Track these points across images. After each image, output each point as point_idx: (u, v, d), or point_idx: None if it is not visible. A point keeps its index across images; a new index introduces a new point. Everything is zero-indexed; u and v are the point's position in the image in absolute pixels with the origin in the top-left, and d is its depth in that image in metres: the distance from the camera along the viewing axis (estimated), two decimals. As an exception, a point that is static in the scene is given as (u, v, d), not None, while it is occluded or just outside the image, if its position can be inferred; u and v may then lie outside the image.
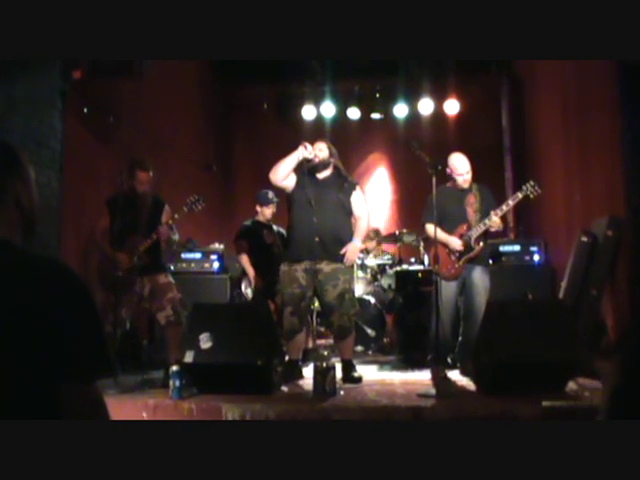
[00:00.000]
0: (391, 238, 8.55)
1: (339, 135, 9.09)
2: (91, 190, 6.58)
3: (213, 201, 9.53)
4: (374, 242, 8.42)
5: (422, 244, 7.84)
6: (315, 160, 5.81)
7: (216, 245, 8.25)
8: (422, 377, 5.83)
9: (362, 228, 5.96)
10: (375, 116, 10.70)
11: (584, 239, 6.18)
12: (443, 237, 5.88)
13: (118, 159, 6.68)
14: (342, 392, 5.06)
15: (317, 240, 5.66)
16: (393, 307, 7.81)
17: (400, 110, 10.45)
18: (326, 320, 6.37)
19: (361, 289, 7.89)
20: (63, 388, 1.57)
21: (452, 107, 10.23)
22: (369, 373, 6.22)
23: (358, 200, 5.94)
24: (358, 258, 7.48)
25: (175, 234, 5.79)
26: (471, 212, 5.99)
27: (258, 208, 7.36)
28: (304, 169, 5.86)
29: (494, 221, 5.83)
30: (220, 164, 10.68)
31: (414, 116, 10.45)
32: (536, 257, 7.57)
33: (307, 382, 5.45)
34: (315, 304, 6.42)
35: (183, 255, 7.93)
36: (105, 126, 6.91)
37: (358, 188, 6.01)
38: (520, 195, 5.87)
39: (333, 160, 5.93)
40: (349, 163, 7.87)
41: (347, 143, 9.75)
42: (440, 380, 5.29)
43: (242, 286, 7.42)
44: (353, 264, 6.06)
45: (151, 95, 7.79)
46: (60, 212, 6.12)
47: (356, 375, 5.67)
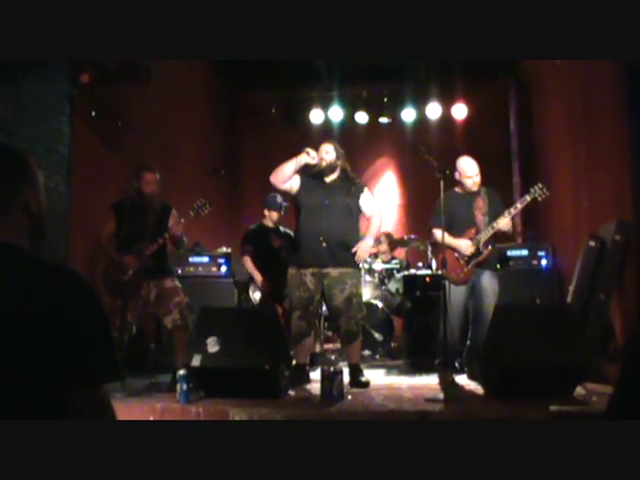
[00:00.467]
0: (399, 242, 8.55)
1: (347, 139, 9.06)
2: (99, 194, 6.59)
3: (221, 205, 9.55)
4: (385, 246, 8.41)
5: (430, 249, 7.83)
6: (322, 164, 5.81)
7: (223, 249, 8.26)
8: (430, 381, 5.82)
9: (375, 226, 5.94)
10: (383, 120, 10.69)
11: (592, 243, 6.16)
12: (452, 242, 5.87)
13: (126, 163, 6.70)
14: (349, 396, 5.05)
15: (324, 246, 5.66)
16: (401, 311, 7.80)
17: (408, 114, 10.45)
18: (333, 324, 6.36)
19: (369, 293, 7.87)
20: (71, 391, 1.58)
21: (460, 111, 10.22)
22: (377, 377, 6.21)
23: (367, 200, 5.93)
24: (366, 262, 7.47)
25: (184, 237, 5.80)
26: (479, 216, 5.98)
27: (266, 212, 7.36)
28: (311, 173, 5.86)
29: (504, 223, 5.82)
30: (228, 169, 10.67)
31: (422, 120, 10.46)
32: (544, 261, 7.56)
33: (314, 386, 5.45)
34: (323, 308, 6.41)
35: (190, 259, 7.94)
36: (113, 131, 6.93)
37: (366, 189, 5.99)
38: (528, 198, 5.86)
39: (340, 162, 5.91)
40: (357, 167, 7.84)
41: (355, 147, 9.73)
42: (448, 384, 5.28)
43: (249, 290, 7.42)
44: (360, 268, 6.05)
45: (159, 100, 7.81)
46: (68, 217, 6.13)
47: (363, 379, 5.66)
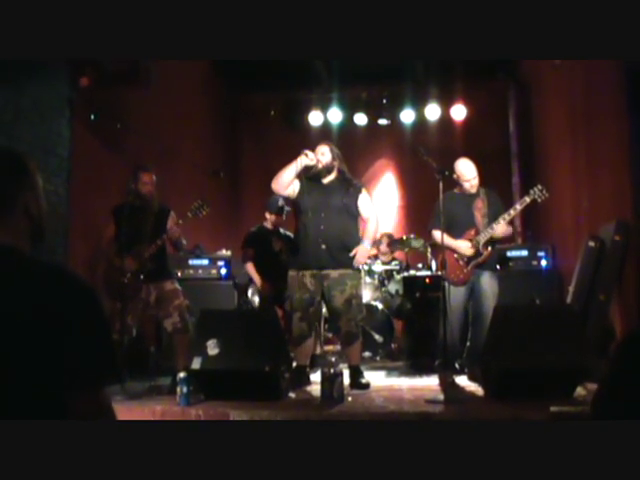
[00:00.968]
0: (399, 243, 8.55)
1: (346, 141, 9.10)
2: (99, 197, 6.59)
3: (220, 207, 9.56)
4: (385, 246, 8.42)
5: (430, 250, 7.84)
6: (319, 166, 5.80)
7: (223, 251, 8.26)
8: (430, 383, 5.82)
9: (371, 230, 5.93)
10: (382, 122, 10.71)
11: (592, 244, 6.16)
12: (451, 243, 5.88)
13: (126, 166, 6.68)
14: (350, 398, 5.05)
15: (324, 247, 5.65)
16: (401, 313, 7.80)
17: (407, 116, 10.47)
18: (333, 326, 6.36)
19: (369, 295, 7.87)
20: (71, 394, 1.58)
21: (459, 112, 10.24)
22: (377, 379, 6.20)
23: (365, 202, 5.91)
24: (366, 264, 7.47)
25: (182, 239, 5.80)
26: (479, 217, 5.98)
27: (267, 215, 7.36)
28: (309, 175, 5.85)
29: (501, 227, 5.82)
30: (227, 171, 10.67)
31: (421, 122, 10.47)
32: (544, 262, 7.56)
33: (315, 388, 5.45)
34: (323, 310, 6.41)
35: (190, 261, 7.94)
36: (112, 133, 6.93)
37: (364, 190, 5.96)
38: (528, 199, 5.86)
39: (337, 163, 5.90)
40: (356, 169, 7.87)
41: (354, 149, 9.76)
42: (448, 386, 5.28)
43: (249, 293, 7.42)
44: (360, 270, 6.05)
45: (158, 102, 7.80)
46: (68, 219, 6.13)
47: (364, 381, 5.66)
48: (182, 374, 4.82)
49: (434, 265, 7.75)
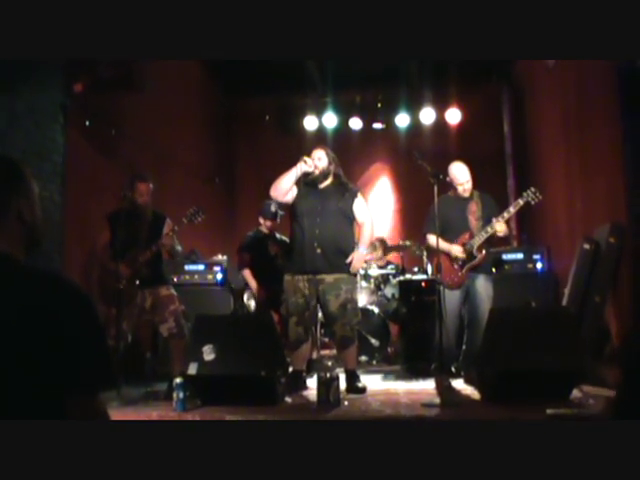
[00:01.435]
0: (394, 248, 8.55)
1: (341, 146, 9.09)
2: (94, 203, 6.59)
3: (216, 213, 9.56)
4: (380, 252, 8.42)
5: (425, 253, 7.84)
6: (315, 171, 5.81)
7: (219, 257, 8.25)
8: (426, 386, 5.83)
9: (366, 235, 5.93)
10: (377, 126, 10.71)
11: (586, 246, 6.17)
12: (444, 246, 5.89)
13: (120, 172, 6.69)
14: (346, 402, 5.06)
15: (319, 252, 5.65)
16: (397, 317, 7.80)
17: (402, 120, 10.47)
18: (329, 330, 6.36)
19: (365, 299, 7.88)
20: (67, 400, 1.58)
21: (453, 116, 10.25)
22: (373, 383, 6.20)
23: (360, 207, 5.91)
24: (362, 268, 7.48)
25: (178, 245, 5.80)
26: (473, 220, 6.00)
27: (261, 220, 7.37)
28: (305, 180, 5.85)
29: (497, 227, 5.83)
30: (222, 176, 10.72)
31: (416, 126, 10.47)
32: (539, 265, 7.56)
33: (311, 393, 5.44)
34: (319, 314, 6.41)
35: (186, 267, 7.93)
36: (107, 139, 6.93)
37: (360, 195, 5.96)
38: (521, 202, 5.87)
39: (333, 168, 5.91)
40: (351, 173, 7.86)
41: (349, 153, 9.76)
42: (444, 389, 5.28)
43: (244, 297, 7.42)
44: (356, 274, 6.05)
45: (152, 108, 7.81)
46: (63, 226, 6.12)
47: (360, 385, 5.66)
48: (178, 380, 4.82)
49: (430, 269, 7.76)
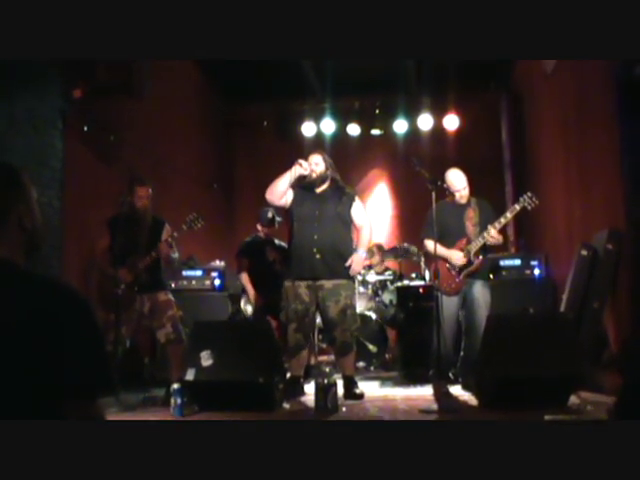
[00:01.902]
0: (392, 253, 8.56)
1: (339, 151, 9.10)
2: (92, 209, 6.59)
3: (214, 218, 9.56)
4: (378, 258, 8.42)
5: (423, 259, 7.85)
6: (312, 176, 5.81)
7: (217, 262, 8.26)
8: (424, 393, 5.82)
9: (365, 238, 5.94)
10: (375, 132, 10.73)
11: (584, 253, 6.18)
12: (443, 252, 5.88)
13: (119, 178, 6.69)
14: (344, 408, 5.06)
15: (318, 257, 5.66)
16: (394, 323, 7.79)
17: (400, 126, 10.49)
18: (328, 336, 6.35)
19: (362, 305, 7.88)
20: (65, 405, 1.58)
21: (452, 123, 10.28)
22: (371, 389, 6.20)
23: (358, 211, 5.93)
24: (359, 274, 7.48)
25: (175, 252, 5.79)
26: (470, 226, 5.99)
27: (259, 226, 7.37)
28: (302, 184, 5.86)
29: (492, 235, 5.83)
30: (221, 182, 10.72)
31: (414, 132, 10.50)
32: (537, 271, 7.57)
33: (309, 399, 5.44)
34: (317, 320, 6.41)
35: (184, 272, 7.94)
36: (106, 145, 6.94)
37: (357, 198, 5.98)
38: (518, 207, 5.87)
39: (330, 172, 5.92)
40: (349, 179, 7.87)
41: (347, 159, 9.78)
42: (442, 395, 5.29)
43: (241, 303, 7.42)
44: (355, 280, 6.05)
45: (151, 114, 7.82)
46: (62, 231, 6.12)
47: (358, 391, 5.66)
48: (176, 385, 4.82)
49: (427, 275, 7.76)
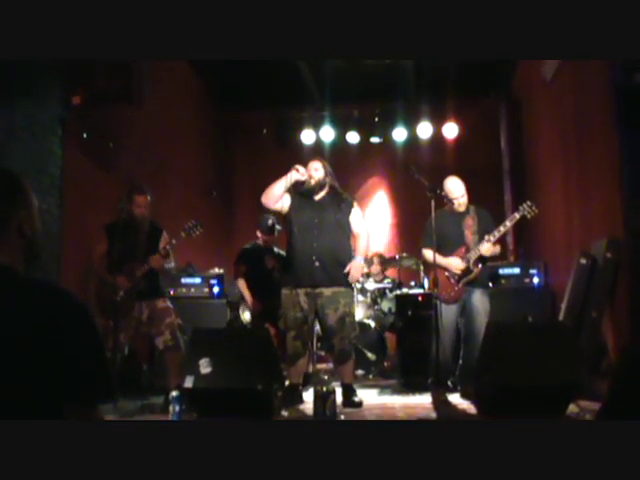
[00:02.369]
0: (391, 262, 8.56)
1: (338, 159, 9.10)
2: (91, 216, 6.58)
3: (213, 226, 9.55)
4: (377, 266, 8.42)
5: (422, 268, 7.85)
6: (311, 182, 5.82)
7: (216, 270, 8.25)
8: (423, 401, 5.81)
9: (363, 245, 5.94)
10: (374, 140, 10.73)
11: (583, 261, 6.18)
12: (442, 261, 5.88)
13: (118, 185, 6.69)
14: (342, 416, 5.05)
15: (317, 265, 5.66)
16: (393, 331, 7.79)
17: (399, 134, 10.50)
18: (326, 344, 6.35)
19: (361, 313, 7.87)
20: (65, 410, 1.58)
21: (451, 130, 10.29)
22: (370, 397, 6.19)
23: (357, 218, 5.93)
24: (358, 282, 7.48)
25: (171, 262, 5.78)
26: (469, 235, 5.99)
27: (258, 233, 7.38)
28: (301, 191, 5.87)
29: (487, 248, 5.81)
30: (220, 189, 10.72)
31: (413, 140, 10.50)
32: (536, 279, 7.58)
33: (307, 407, 5.44)
34: (316, 328, 6.41)
35: (183, 280, 7.93)
36: (105, 152, 6.93)
37: (356, 205, 5.98)
38: (517, 216, 5.88)
39: (329, 179, 5.93)
40: (348, 187, 7.87)
41: (346, 167, 9.79)
42: (441, 404, 5.28)
43: (239, 310, 7.42)
44: (353, 287, 6.05)
45: (150, 121, 7.81)
46: (60, 238, 6.12)
47: (356, 399, 5.65)
48: (174, 393, 4.81)
49: (426, 283, 7.76)
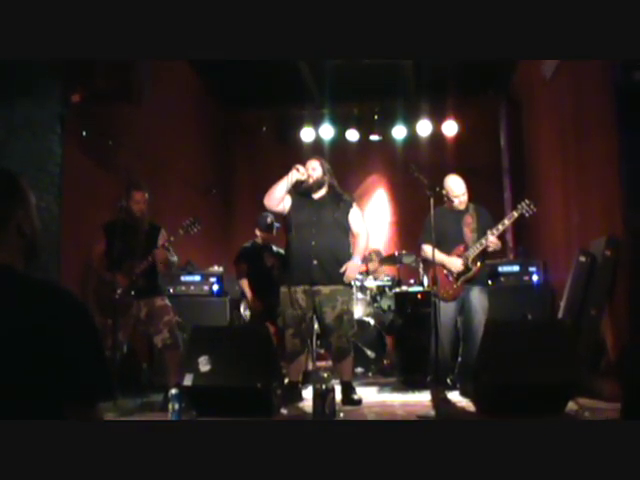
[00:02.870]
0: (390, 259, 8.55)
1: (338, 157, 9.11)
2: (91, 214, 6.58)
3: (212, 223, 9.56)
4: (376, 263, 8.42)
5: (421, 265, 7.84)
6: (309, 181, 5.82)
7: (215, 267, 8.25)
8: (422, 398, 5.82)
9: (361, 245, 5.93)
10: (374, 138, 10.71)
11: (582, 259, 6.18)
12: (441, 258, 5.88)
13: (117, 183, 6.69)
14: (342, 414, 5.05)
15: (315, 263, 5.65)
16: (393, 328, 7.79)
17: (399, 132, 10.48)
18: (325, 342, 6.35)
19: (361, 311, 7.86)
20: (65, 409, 1.59)
21: (450, 128, 10.27)
22: (369, 395, 6.20)
23: (356, 217, 5.93)
24: (357, 280, 7.48)
25: (173, 256, 5.79)
26: (468, 232, 5.99)
27: (257, 232, 7.38)
28: (299, 190, 5.87)
29: (491, 240, 5.82)
30: (219, 187, 10.71)
31: (413, 138, 10.48)
32: (535, 277, 7.57)
33: (307, 404, 5.45)
34: (315, 326, 6.42)
35: (182, 277, 7.92)
36: (104, 150, 6.93)
37: (355, 205, 5.99)
38: (515, 214, 5.88)
39: (327, 178, 5.93)
40: (348, 185, 7.88)
41: (346, 165, 9.79)
42: (440, 401, 5.29)
43: (241, 308, 7.42)
44: (352, 285, 6.05)
45: (150, 119, 7.81)
46: (60, 236, 6.11)
47: (356, 397, 5.66)
48: (174, 391, 4.81)
49: (426, 281, 7.76)
